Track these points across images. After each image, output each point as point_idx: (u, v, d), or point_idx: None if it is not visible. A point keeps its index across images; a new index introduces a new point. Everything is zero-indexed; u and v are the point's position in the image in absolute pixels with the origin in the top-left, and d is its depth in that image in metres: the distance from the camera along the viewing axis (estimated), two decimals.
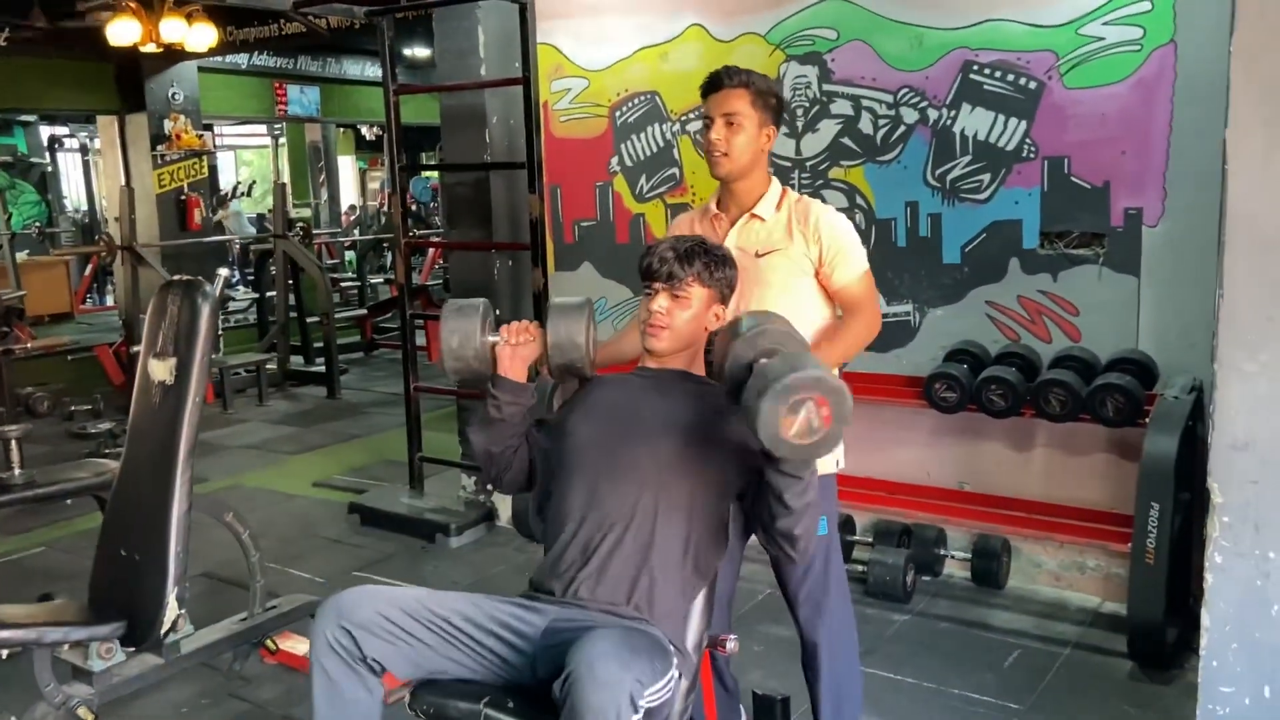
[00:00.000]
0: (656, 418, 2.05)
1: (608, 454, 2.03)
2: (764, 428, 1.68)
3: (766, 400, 1.68)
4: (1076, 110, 3.35)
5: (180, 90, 8.58)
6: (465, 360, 2.06)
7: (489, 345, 2.07)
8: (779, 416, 1.68)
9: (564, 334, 2.04)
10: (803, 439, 1.70)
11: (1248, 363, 1.86)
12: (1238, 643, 1.94)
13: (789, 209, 2.36)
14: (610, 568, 1.96)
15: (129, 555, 2.62)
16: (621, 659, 1.65)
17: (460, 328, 2.05)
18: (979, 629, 3.32)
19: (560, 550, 2.01)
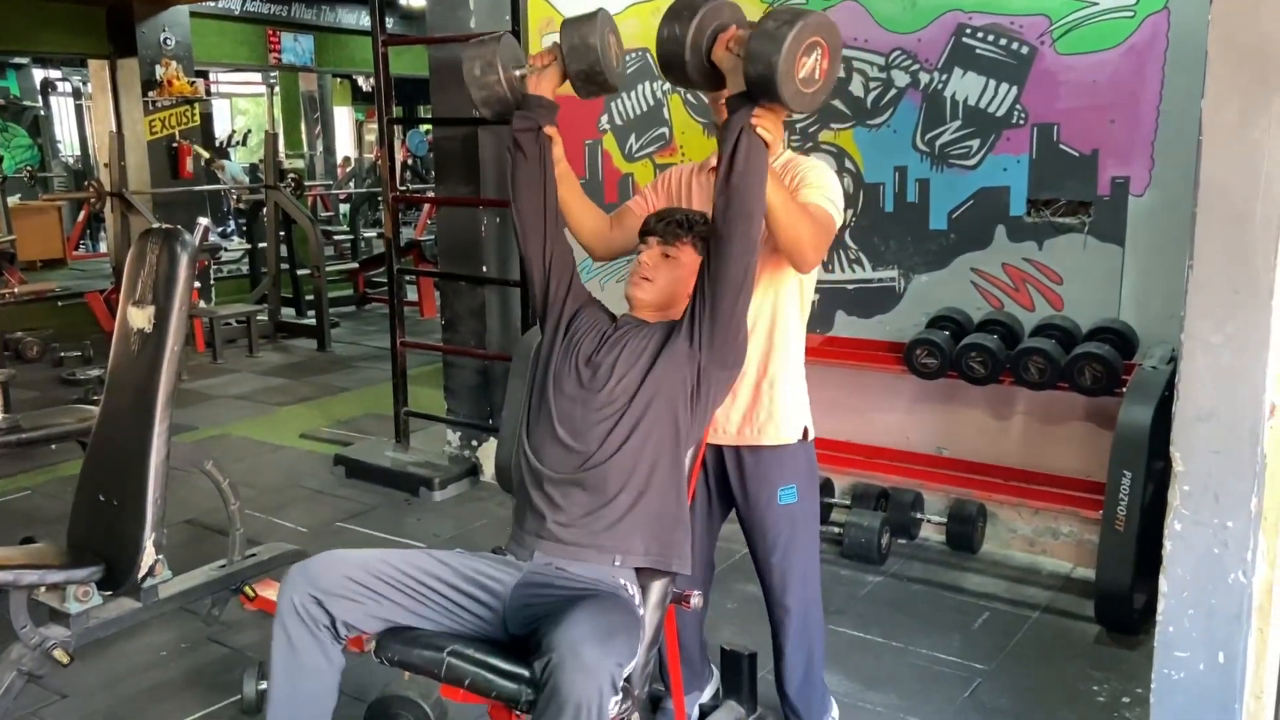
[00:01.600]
0: (625, 359, 2.09)
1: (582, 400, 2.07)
2: (784, 60, 1.77)
3: (791, 34, 1.77)
4: (1068, 76, 3.32)
5: (172, 35, 8.48)
6: (490, 86, 2.09)
7: (515, 78, 2.11)
8: (796, 55, 1.78)
9: (577, 39, 2.05)
10: (806, 86, 1.82)
11: (1214, 334, 1.87)
12: (1194, 609, 1.97)
13: (781, 162, 2.29)
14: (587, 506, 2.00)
15: (107, 500, 2.64)
16: (602, 642, 1.70)
17: (480, 54, 2.09)
18: (951, 591, 3.36)
19: (534, 487, 2.05)
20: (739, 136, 1.92)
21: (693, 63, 1.96)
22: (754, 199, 1.95)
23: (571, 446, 2.03)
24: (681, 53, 1.95)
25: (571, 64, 2.08)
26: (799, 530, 2.35)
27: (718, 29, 1.95)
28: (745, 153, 1.93)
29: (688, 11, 1.95)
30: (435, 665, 1.83)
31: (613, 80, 2.11)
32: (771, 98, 1.86)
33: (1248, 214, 1.80)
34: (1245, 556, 1.90)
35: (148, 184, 8.18)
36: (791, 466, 2.31)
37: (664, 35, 1.97)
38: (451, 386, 4.76)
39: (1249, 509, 1.88)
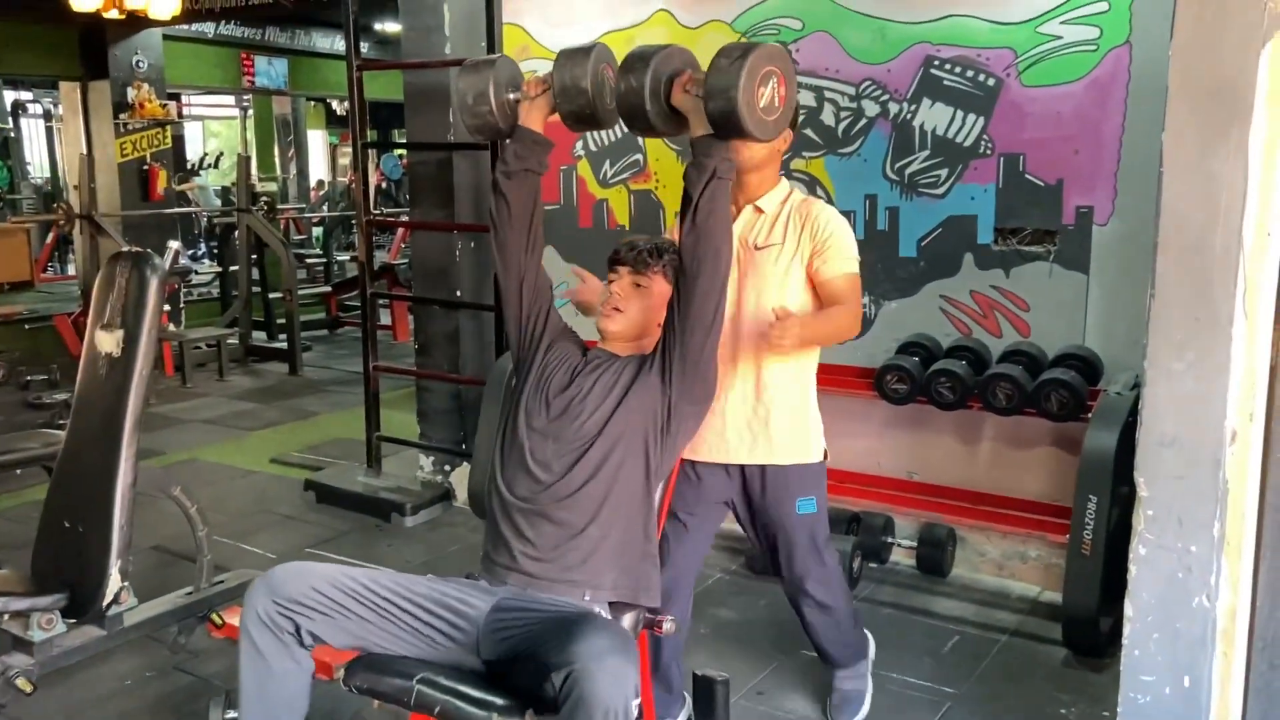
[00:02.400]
0: (595, 396, 2.10)
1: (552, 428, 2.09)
2: (743, 92, 1.83)
3: (745, 66, 1.83)
4: (1033, 108, 3.39)
5: (145, 58, 8.46)
6: (481, 116, 2.12)
7: (508, 102, 2.13)
8: (754, 86, 1.85)
9: (569, 79, 2.06)
10: (768, 114, 1.89)
11: (1175, 361, 1.91)
12: (1159, 633, 2.00)
13: (791, 208, 2.46)
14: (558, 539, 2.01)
15: (73, 527, 2.61)
16: (622, 650, 1.73)
17: (473, 85, 2.11)
18: (921, 615, 3.38)
19: (506, 517, 2.06)
20: (707, 175, 1.96)
21: (654, 110, 2.00)
22: (721, 236, 2.00)
23: (541, 479, 2.04)
24: (642, 103, 1.99)
25: (562, 104, 2.09)
26: (818, 537, 2.57)
27: (672, 74, 2.00)
28: (711, 193, 1.97)
29: (640, 63, 1.99)
30: (404, 693, 1.82)
31: (605, 120, 2.12)
32: (736, 131, 1.92)
33: (1207, 243, 1.85)
34: (1209, 581, 1.93)
35: (118, 206, 8.13)
36: (815, 484, 2.53)
37: (622, 88, 2.01)
38: (425, 411, 4.74)
39: (1212, 534, 1.91)
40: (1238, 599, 1.93)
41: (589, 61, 2.05)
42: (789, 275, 2.43)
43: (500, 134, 2.17)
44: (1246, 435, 1.88)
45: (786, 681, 2.95)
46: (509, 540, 2.04)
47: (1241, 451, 1.88)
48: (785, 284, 2.43)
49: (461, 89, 2.12)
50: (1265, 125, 1.79)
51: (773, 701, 2.85)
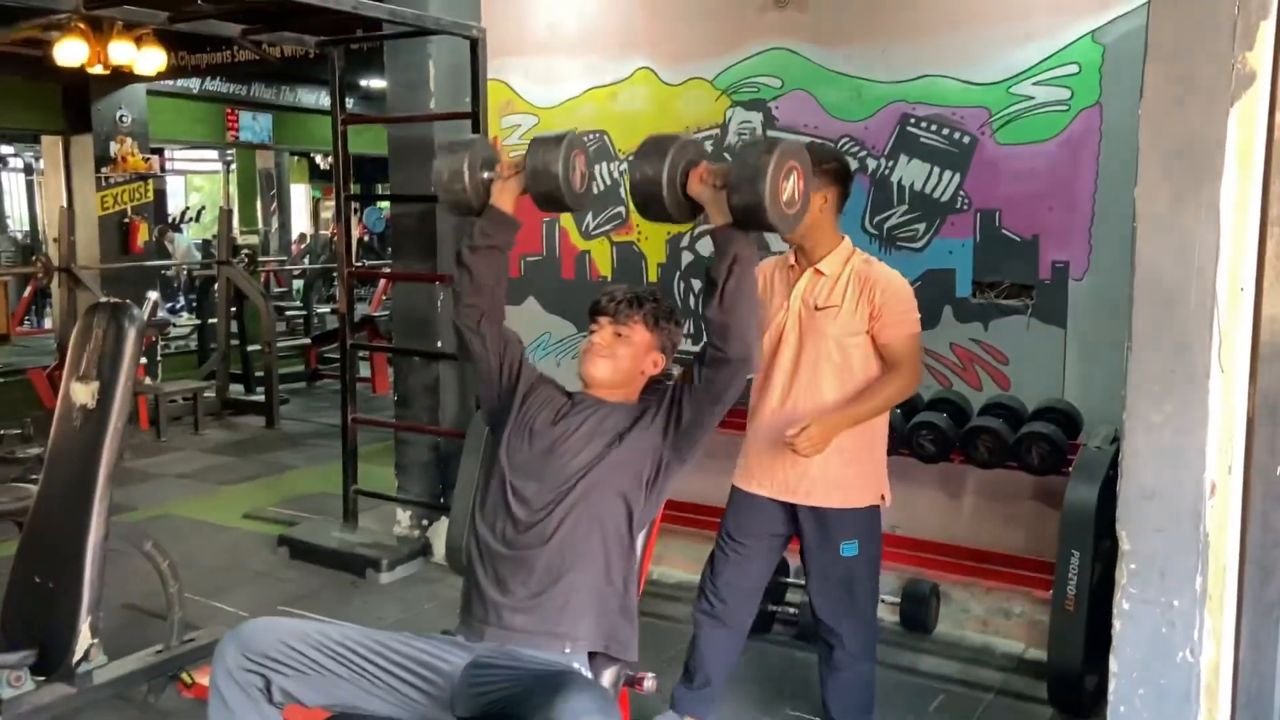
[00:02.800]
0: (582, 437, 2.11)
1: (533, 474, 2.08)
2: (768, 188, 1.86)
3: (771, 161, 1.86)
4: (1007, 165, 3.45)
5: (128, 113, 8.48)
6: (455, 194, 2.20)
7: (481, 183, 2.19)
8: (779, 180, 1.87)
9: (540, 162, 2.12)
10: (789, 208, 1.91)
11: (1154, 414, 1.92)
12: (1144, 689, 1.98)
13: (853, 268, 2.59)
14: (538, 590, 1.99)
15: (43, 582, 2.57)
16: (603, 710, 1.70)
17: (450, 164, 2.18)
18: (906, 673, 3.34)
19: (485, 569, 2.03)
20: (733, 264, 1.97)
21: (669, 199, 2.03)
22: (751, 327, 2.01)
23: (521, 518, 2.03)
24: (659, 192, 2.03)
25: (532, 186, 2.16)
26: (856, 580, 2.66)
27: (688, 165, 2.04)
28: (738, 279, 1.97)
29: (657, 154, 2.03)
30: None
31: (573, 204, 2.20)
32: (759, 223, 1.95)
33: (1181, 297, 1.87)
34: (1192, 635, 1.92)
35: (97, 259, 8.10)
36: (870, 533, 2.64)
37: (638, 177, 2.04)
38: (403, 464, 4.70)
39: (1194, 588, 1.91)
40: (1221, 653, 1.92)
41: (560, 148, 2.13)
42: (847, 337, 2.56)
43: (473, 211, 2.24)
44: (1226, 488, 1.88)
45: None
46: (486, 591, 2.01)
47: (1221, 504, 1.89)
48: (844, 344, 2.57)
49: (438, 168, 2.21)
50: (1235, 182, 1.82)
51: None
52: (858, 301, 2.55)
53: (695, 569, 4.10)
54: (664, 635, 3.62)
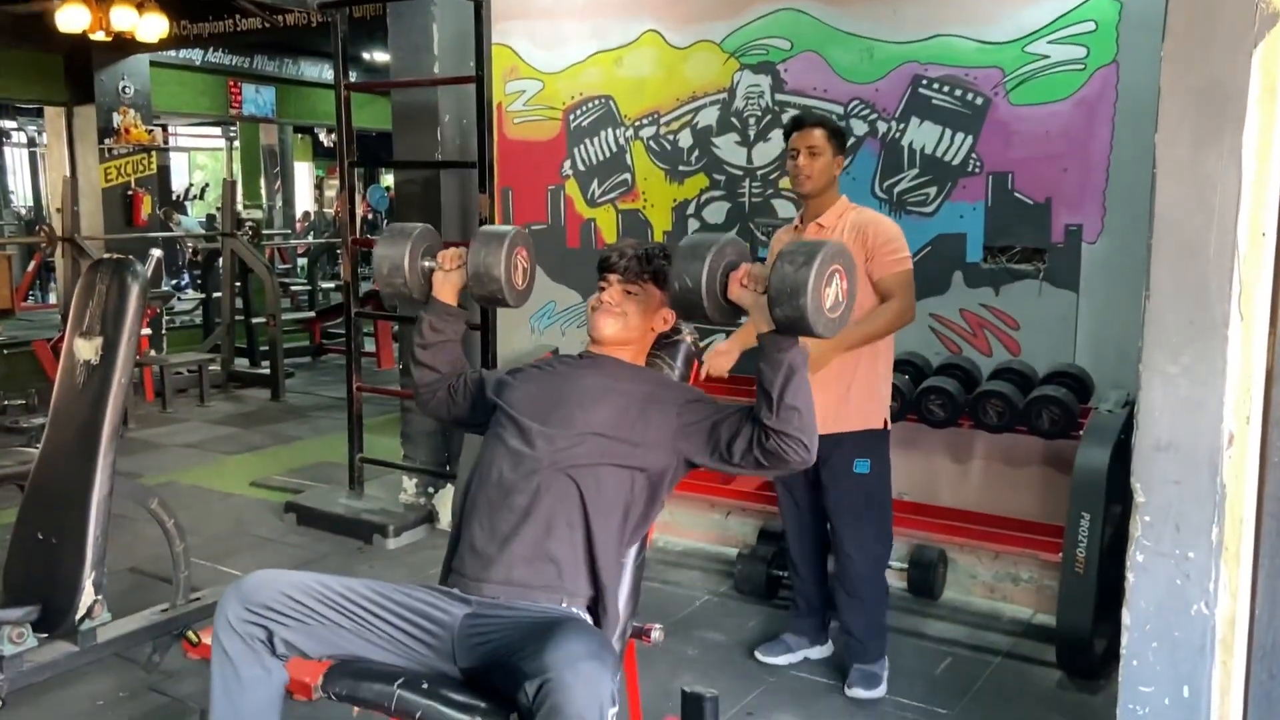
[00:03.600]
0: (594, 387, 2.07)
1: (539, 416, 2.04)
2: (810, 300, 1.81)
3: (813, 272, 1.81)
4: (1020, 126, 3.40)
5: (131, 84, 8.44)
6: (396, 286, 2.21)
7: (423, 271, 2.21)
8: (821, 289, 1.83)
9: (481, 263, 2.13)
10: (833, 313, 1.87)
11: (1170, 365, 1.89)
12: (1158, 642, 1.96)
13: (847, 218, 2.87)
14: (536, 542, 1.95)
15: (46, 539, 2.56)
16: (597, 656, 1.66)
17: (389, 255, 2.20)
18: (913, 638, 3.33)
19: (481, 522, 2.00)
20: (783, 371, 1.90)
21: (710, 305, 1.98)
22: (810, 429, 1.94)
23: (524, 454, 1.99)
24: (699, 300, 1.97)
25: (474, 288, 2.18)
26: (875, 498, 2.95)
27: (728, 269, 1.97)
28: (796, 389, 1.91)
29: (695, 259, 1.96)
30: (385, 699, 1.76)
31: (513, 303, 2.21)
32: (803, 332, 1.89)
33: (1201, 245, 1.83)
34: (1208, 588, 1.89)
35: (101, 231, 8.07)
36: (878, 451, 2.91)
37: (677, 286, 1.99)
38: (409, 432, 4.68)
39: (1210, 539, 1.88)
40: (1236, 606, 1.89)
41: (503, 249, 2.13)
42: None
43: (414, 304, 2.27)
44: (1244, 439, 1.85)
45: (775, 703, 2.90)
46: (480, 547, 1.96)
47: (1239, 455, 1.86)
48: None
49: (378, 258, 2.22)
50: (1258, 126, 1.78)
51: None
52: (853, 246, 2.71)
53: (699, 536, 4.11)
54: (671, 601, 3.61)
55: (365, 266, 10.58)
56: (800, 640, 3.14)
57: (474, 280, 2.15)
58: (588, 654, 1.65)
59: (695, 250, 1.97)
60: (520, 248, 2.17)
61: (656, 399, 2.05)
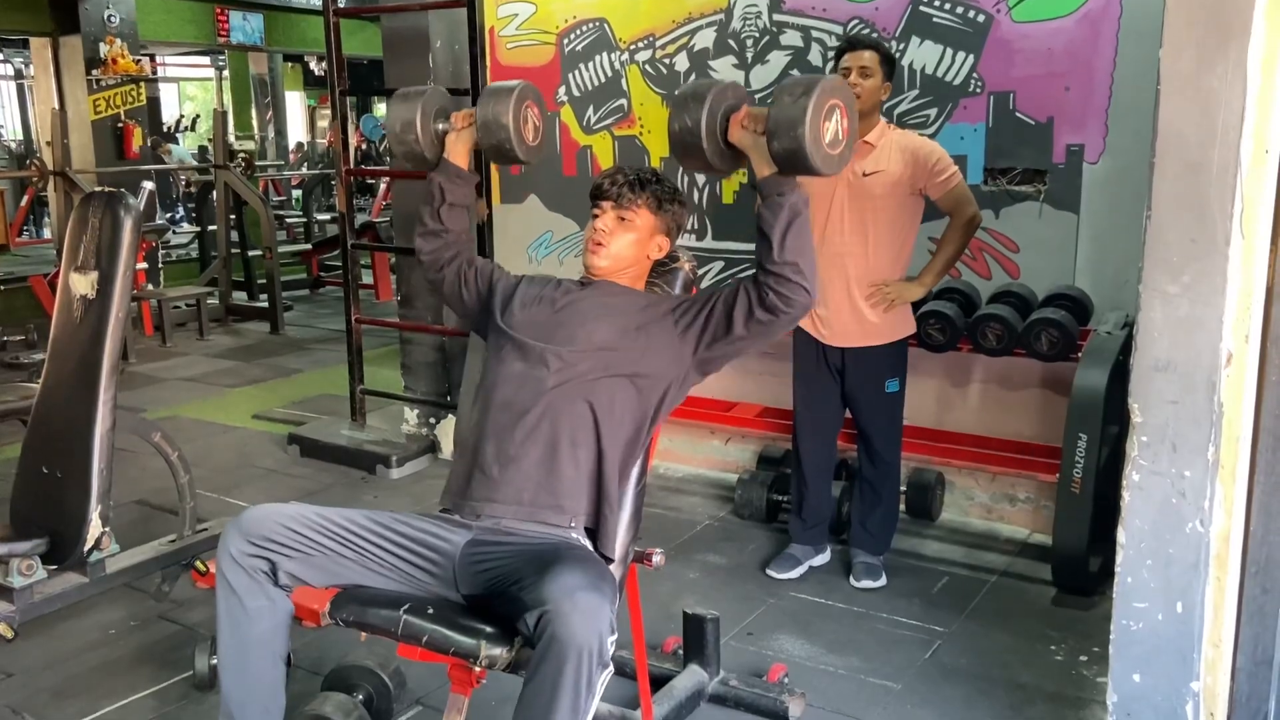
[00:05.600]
0: (594, 307, 2.08)
1: (542, 336, 2.06)
2: (809, 130, 1.79)
3: (811, 103, 1.78)
4: (1023, 44, 3.34)
5: (116, 12, 8.25)
6: (409, 144, 2.21)
7: (436, 132, 2.21)
8: (820, 122, 1.81)
9: (490, 113, 2.12)
10: (833, 149, 1.85)
11: (1170, 284, 1.88)
12: (1152, 559, 1.98)
13: (890, 138, 2.99)
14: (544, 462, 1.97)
15: (50, 472, 2.57)
16: (595, 586, 1.68)
17: (402, 114, 2.19)
18: (910, 558, 3.37)
19: (489, 443, 2.01)
20: (784, 214, 1.89)
21: (710, 148, 1.96)
22: (813, 272, 1.94)
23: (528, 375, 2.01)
24: (698, 141, 1.95)
25: (483, 138, 2.16)
26: (895, 414, 3.18)
27: (728, 111, 1.95)
28: (798, 231, 1.90)
29: (695, 101, 1.95)
30: (391, 624, 1.79)
31: (523, 157, 2.19)
32: (803, 169, 1.87)
33: (1204, 162, 1.81)
34: (1203, 506, 1.91)
35: (92, 164, 7.97)
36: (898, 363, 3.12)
37: (677, 127, 1.97)
38: (409, 364, 4.69)
39: (1206, 458, 1.90)
40: (1231, 523, 1.91)
41: (511, 99, 2.11)
42: (892, 196, 2.97)
43: (426, 163, 2.25)
44: (1242, 358, 1.86)
45: (775, 623, 2.95)
46: (490, 467, 1.98)
47: (1237, 375, 1.86)
48: (889, 203, 2.98)
49: (391, 117, 2.21)
50: (1264, 39, 1.75)
51: (761, 641, 2.84)
52: (903, 165, 2.93)
53: (699, 462, 4.14)
54: (672, 525, 3.65)
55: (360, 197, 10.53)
56: (806, 550, 3.27)
57: (482, 129, 2.14)
58: (586, 585, 1.67)
59: (696, 93, 1.96)
60: (530, 101, 2.16)
61: (652, 314, 2.07)
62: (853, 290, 3.03)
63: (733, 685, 2.48)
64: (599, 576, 1.74)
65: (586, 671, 1.62)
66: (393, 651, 1.97)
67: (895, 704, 2.54)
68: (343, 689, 2.34)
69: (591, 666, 1.63)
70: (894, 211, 2.99)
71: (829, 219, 3.00)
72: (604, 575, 1.78)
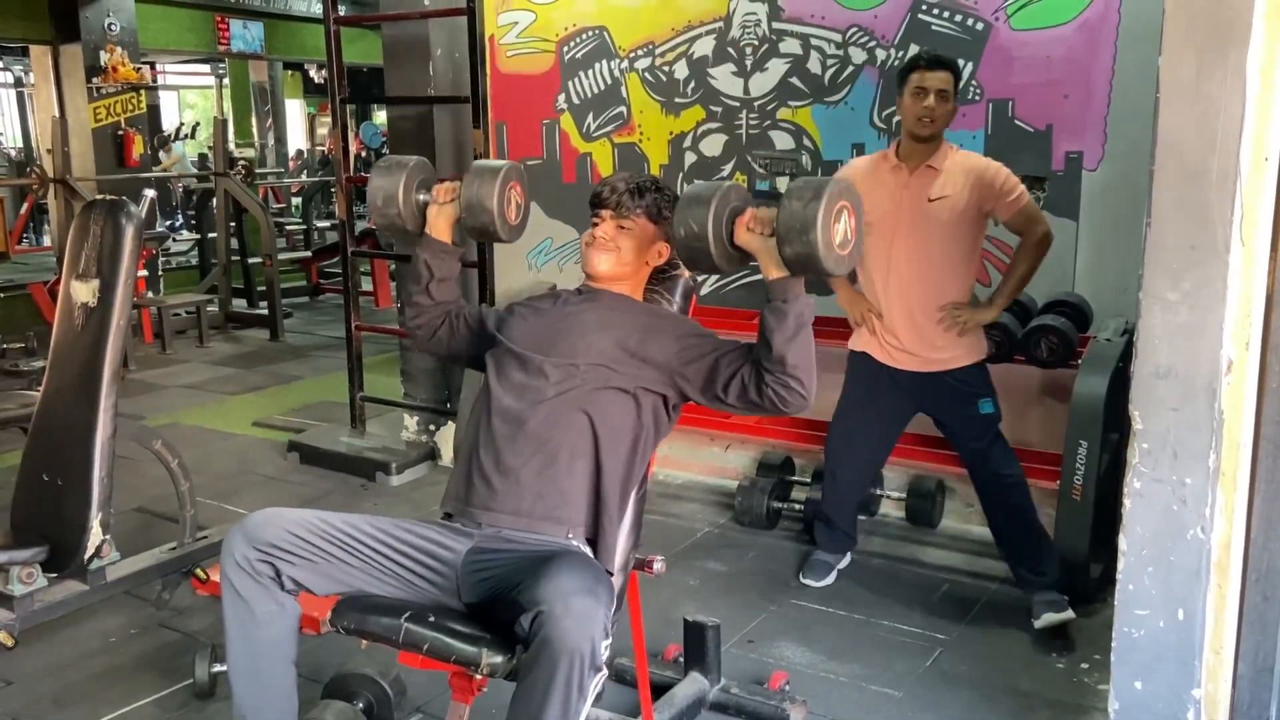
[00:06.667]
0: (594, 319, 2.08)
1: (541, 348, 2.06)
2: (821, 235, 1.80)
3: (821, 207, 1.79)
4: (1022, 52, 3.35)
5: (116, 21, 8.27)
6: (390, 218, 2.20)
7: (417, 204, 2.20)
8: (830, 225, 1.81)
9: (475, 195, 2.12)
10: (842, 249, 1.85)
11: (1170, 291, 1.88)
12: (1153, 567, 1.98)
13: (954, 162, 2.92)
14: (543, 472, 1.97)
15: (51, 480, 2.57)
16: (590, 591, 1.68)
17: (384, 187, 2.18)
18: (911, 565, 3.38)
19: (488, 452, 2.01)
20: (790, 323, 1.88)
21: (717, 252, 1.94)
22: (809, 379, 1.93)
23: (529, 385, 2.01)
24: (705, 245, 1.93)
25: (467, 219, 2.16)
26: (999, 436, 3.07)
27: (733, 214, 1.94)
28: (802, 344, 1.90)
29: (699, 205, 1.92)
30: (392, 632, 1.79)
31: (505, 237, 2.19)
32: (813, 271, 1.86)
33: (1203, 169, 1.82)
34: (1204, 512, 1.91)
35: (92, 172, 7.98)
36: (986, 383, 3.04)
37: (683, 232, 1.94)
38: (408, 371, 4.69)
39: (1207, 465, 1.90)
40: (1232, 530, 1.91)
41: (496, 181, 2.11)
42: (959, 223, 2.90)
43: (408, 235, 2.24)
44: (1242, 365, 1.86)
45: (776, 630, 2.95)
46: (490, 476, 1.98)
47: (1237, 381, 1.86)
48: (955, 230, 2.91)
49: (373, 189, 2.20)
50: (1263, 46, 1.75)
51: (762, 649, 2.84)
52: (969, 189, 2.87)
53: (699, 469, 4.14)
54: (672, 532, 3.65)
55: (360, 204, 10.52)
56: (836, 556, 3.27)
57: (467, 211, 2.14)
58: (581, 589, 1.67)
59: (699, 197, 1.94)
60: (514, 182, 2.15)
61: (655, 328, 2.06)
62: (919, 317, 2.97)
63: (734, 693, 2.48)
64: (595, 580, 1.74)
65: (578, 675, 1.62)
66: (393, 659, 1.97)
67: (896, 711, 2.54)
68: (343, 696, 2.34)
69: (583, 670, 1.63)
70: (960, 236, 2.93)
71: (893, 247, 2.95)
72: (600, 580, 1.78)
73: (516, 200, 2.17)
